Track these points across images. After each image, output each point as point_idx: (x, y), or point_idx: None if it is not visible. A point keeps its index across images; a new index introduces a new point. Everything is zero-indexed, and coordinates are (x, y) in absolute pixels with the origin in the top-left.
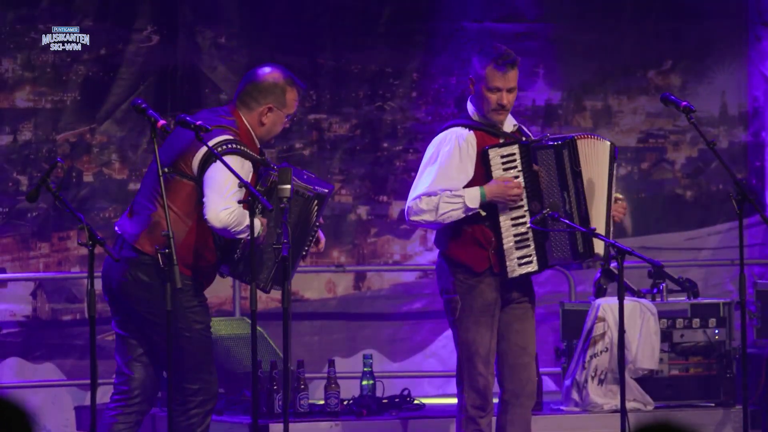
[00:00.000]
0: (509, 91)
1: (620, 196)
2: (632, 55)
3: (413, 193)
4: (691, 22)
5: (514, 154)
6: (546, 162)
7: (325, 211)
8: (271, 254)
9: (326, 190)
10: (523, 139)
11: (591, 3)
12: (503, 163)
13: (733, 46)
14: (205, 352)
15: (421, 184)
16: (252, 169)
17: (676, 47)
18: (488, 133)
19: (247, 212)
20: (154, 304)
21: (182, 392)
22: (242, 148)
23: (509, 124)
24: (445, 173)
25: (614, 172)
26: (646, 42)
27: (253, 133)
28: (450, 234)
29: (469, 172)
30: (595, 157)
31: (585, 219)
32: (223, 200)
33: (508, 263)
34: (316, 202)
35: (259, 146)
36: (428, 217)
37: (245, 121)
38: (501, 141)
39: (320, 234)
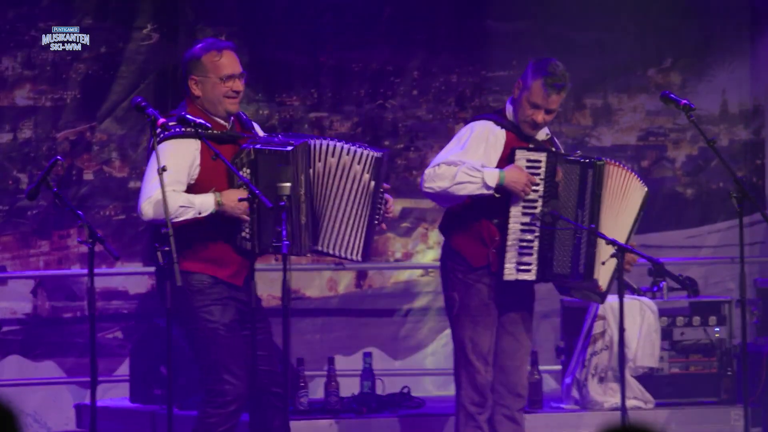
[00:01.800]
0: (548, 112)
1: (634, 244)
2: (632, 53)
3: (434, 162)
4: (692, 19)
5: (540, 161)
6: (569, 177)
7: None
8: (291, 212)
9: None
10: (552, 149)
11: (591, 1)
12: (528, 167)
13: (734, 43)
14: (225, 352)
15: (443, 155)
16: (199, 147)
17: (677, 45)
18: (519, 136)
19: (174, 194)
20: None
21: (204, 391)
22: (184, 129)
23: (542, 133)
24: (469, 152)
25: (640, 217)
26: (646, 40)
27: (204, 111)
28: (457, 223)
29: (492, 161)
30: (622, 191)
31: (593, 241)
32: (145, 193)
33: (506, 266)
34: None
35: (226, 124)
36: (443, 184)
37: (193, 104)
38: (530, 145)
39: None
